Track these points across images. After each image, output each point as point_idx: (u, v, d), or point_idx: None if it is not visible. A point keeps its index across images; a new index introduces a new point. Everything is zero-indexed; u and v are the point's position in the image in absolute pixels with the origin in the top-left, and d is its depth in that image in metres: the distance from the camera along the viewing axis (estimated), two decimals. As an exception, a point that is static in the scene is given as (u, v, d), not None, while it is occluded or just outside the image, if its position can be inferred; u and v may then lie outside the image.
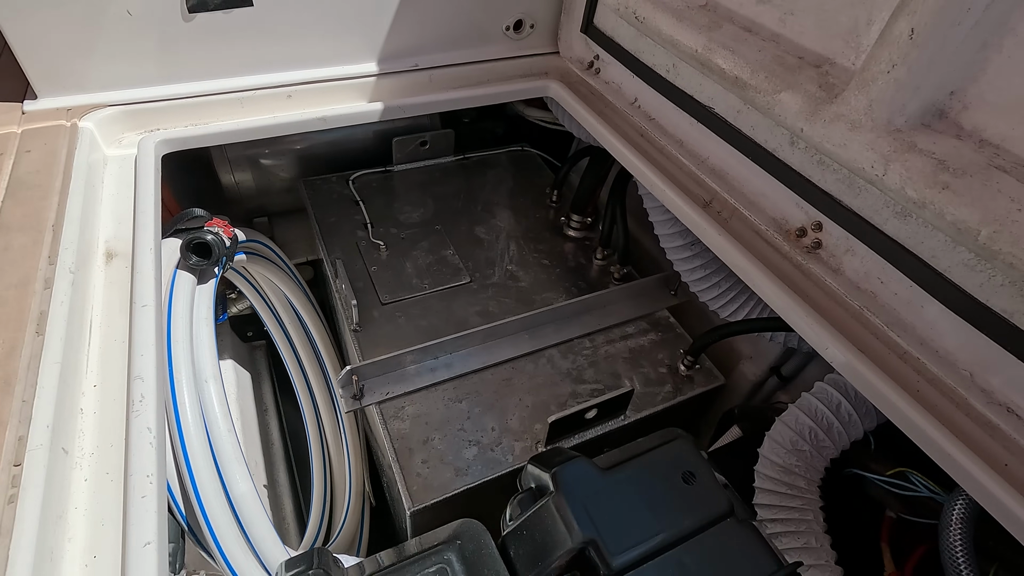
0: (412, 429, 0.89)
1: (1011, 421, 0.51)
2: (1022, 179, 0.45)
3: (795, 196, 0.66)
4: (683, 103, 0.78)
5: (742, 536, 0.50)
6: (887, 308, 0.59)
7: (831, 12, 0.58)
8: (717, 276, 0.94)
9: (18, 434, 0.44)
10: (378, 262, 1.13)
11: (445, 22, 0.94)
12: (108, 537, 0.43)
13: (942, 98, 0.50)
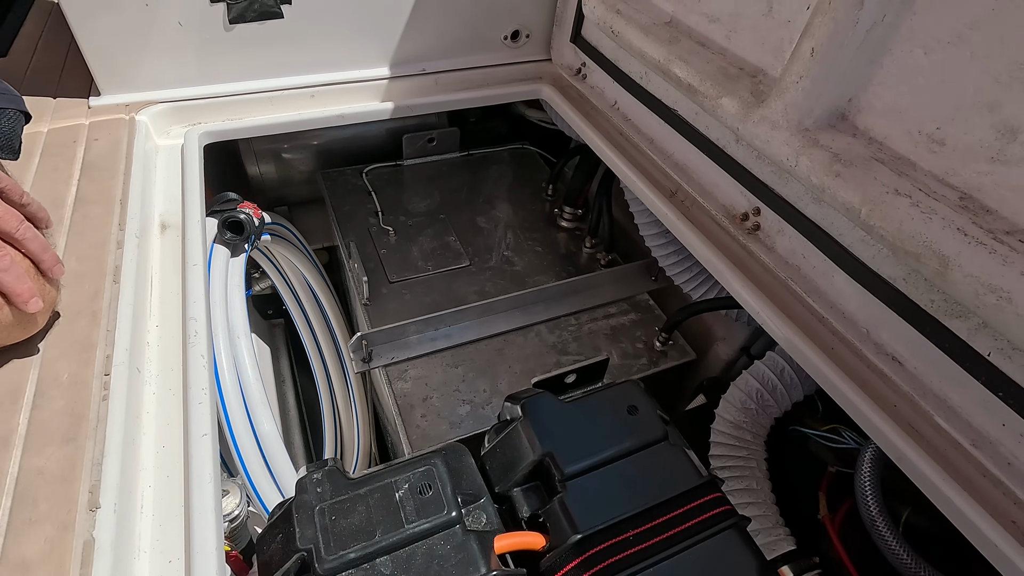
0: (413, 389, 1.02)
1: (896, 369, 0.62)
2: (893, 169, 0.57)
3: (740, 186, 0.78)
4: (653, 106, 0.91)
5: (672, 455, 0.62)
6: (807, 278, 0.71)
7: (763, 32, 0.70)
8: (688, 261, 1.06)
9: (106, 353, 0.58)
10: (387, 246, 1.27)
11: (450, 32, 1.08)
12: (173, 433, 0.57)
13: (842, 104, 0.62)
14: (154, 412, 0.58)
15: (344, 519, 0.55)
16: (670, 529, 0.57)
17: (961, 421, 0.58)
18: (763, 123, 0.67)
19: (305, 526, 0.54)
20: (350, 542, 0.53)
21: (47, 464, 0.49)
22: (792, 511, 0.87)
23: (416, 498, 0.57)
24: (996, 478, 0.55)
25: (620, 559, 0.55)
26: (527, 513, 0.61)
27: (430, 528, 0.55)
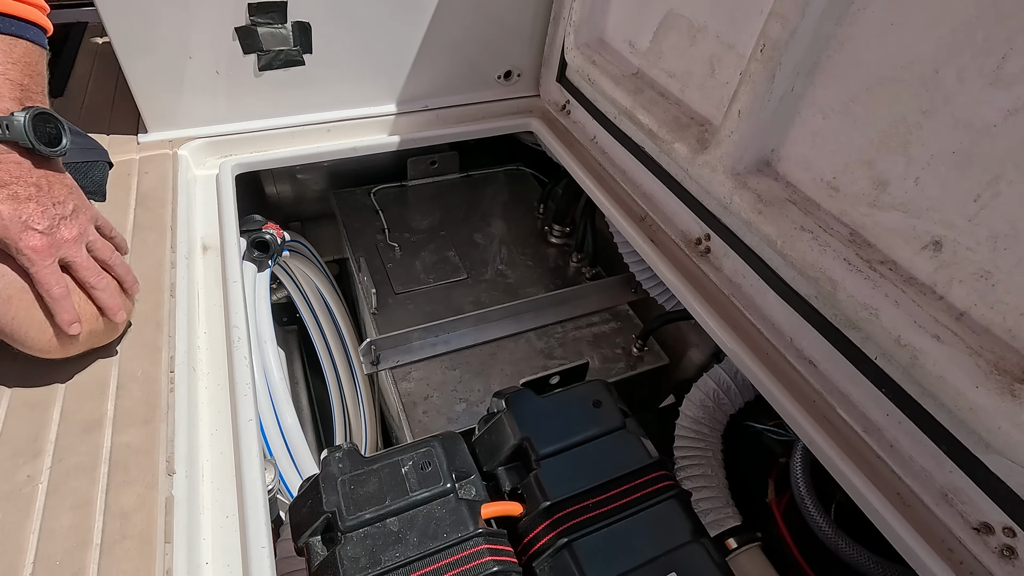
0: (416, 388, 1.17)
1: (811, 370, 0.76)
2: (802, 208, 0.71)
3: (694, 215, 0.92)
4: (624, 142, 1.05)
5: (628, 440, 0.76)
6: (746, 295, 0.85)
7: (708, 90, 0.85)
8: (659, 276, 1.20)
9: (169, 354, 0.72)
10: (393, 260, 1.42)
11: (450, 72, 1.23)
12: (223, 419, 0.71)
13: (766, 153, 0.77)
14: (207, 402, 0.73)
15: (360, 488, 0.69)
16: (622, 498, 0.71)
17: (857, 412, 0.72)
18: (706, 166, 0.81)
19: (330, 493, 0.68)
20: (365, 506, 0.68)
21: (132, 440, 0.63)
22: (745, 496, 1.00)
23: (418, 473, 0.71)
24: (883, 458, 0.69)
25: (581, 521, 0.69)
26: (508, 487, 0.75)
27: (429, 496, 0.70)
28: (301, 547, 0.70)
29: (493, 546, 0.67)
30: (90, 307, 0.66)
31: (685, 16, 0.87)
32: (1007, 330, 0.55)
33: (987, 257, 0.56)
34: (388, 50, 1.14)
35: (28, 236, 0.59)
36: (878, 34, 0.62)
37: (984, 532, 0.61)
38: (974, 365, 0.55)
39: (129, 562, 0.54)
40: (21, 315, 0.61)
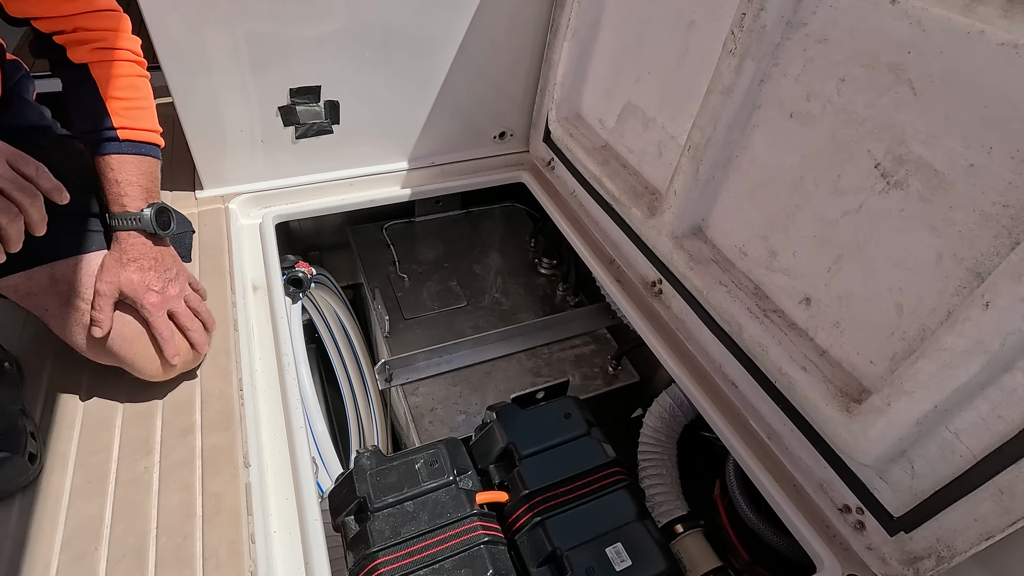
0: (423, 401, 1.39)
1: (733, 391, 0.99)
2: (722, 267, 0.94)
3: (649, 263, 1.15)
4: (597, 200, 1.29)
5: (591, 444, 0.99)
6: (688, 329, 1.08)
7: (658, 166, 1.08)
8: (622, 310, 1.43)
9: (238, 376, 0.95)
10: (403, 289, 1.65)
11: (453, 134, 1.47)
12: (279, 426, 0.94)
13: (698, 222, 1.00)
14: (266, 412, 0.96)
15: (384, 479, 0.92)
16: (584, 488, 0.94)
17: (764, 423, 0.94)
18: (653, 229, 1.04)
19: (361, 483, 0.91)
20: (388, 493, 0.90)
21: (217, 442, 0.86)
22: (696, 492, 1.22)
23: (428, 468, 0.94)
24: (781, 459, 0.92)
25: (552, 505, 0.91)
26: (497, 480, 0.98)
27: (436, 486, 0.92)
28: (338, 525, 0.92)
29: (485, 523, 0.89)
30: (185, 344, 0.89)
31: (640, 107, 1.11)
32: (850, 364, 0.78)
33: (837, 311, 0.79)
34: (401, 118, 1.39)
35: (149, 295, 0.82)
36: (767, 145, 0.85)
37: (845, 512, 0.83)
38: (826, 390, 0.78)
39: (223, 528, 0.77)
40: (139, 351, 0.85)
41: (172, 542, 0.75)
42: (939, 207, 0.65)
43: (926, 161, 0.65)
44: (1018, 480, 0.62)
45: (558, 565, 0.86)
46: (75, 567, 0.73)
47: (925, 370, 0.64)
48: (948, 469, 0.68)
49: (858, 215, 0.74)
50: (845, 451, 0.77)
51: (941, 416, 0.66)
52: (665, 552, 0.88)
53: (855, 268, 0.76)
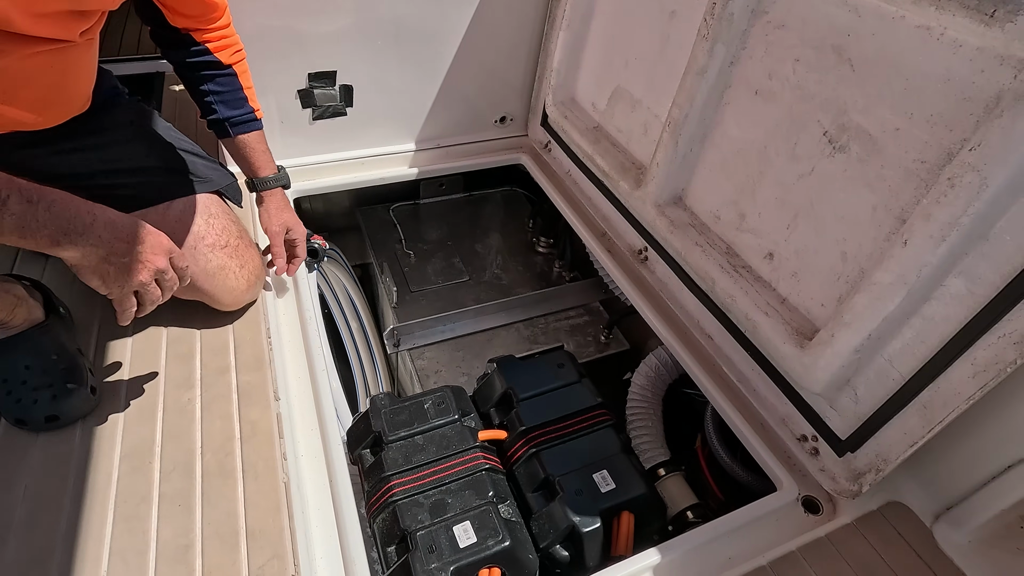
0: (428, 365, 1.51)
1: (710, 343, 1.11)
2: (699, 231, 1.07)
3: (636, 232, 1.27)
4: (590, 177, 1.41)
5: (581, 390, 1.11)
6: (671, 291, 1.20)
7: (643, 143, 1.20)
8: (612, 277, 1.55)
9: (266, 327, 1.07)
10: (409, 265, 1.77)
11: (457, 118, 1.59)
12: (302, 368, 1.06)
13: (678, 192, 1.12)
14: (291, 357, 1.08)
15: (397, 417, 1.04)
16: (574, 426, 1.06)
17: (736, 369, 1.06)
18: (639, 199, 1.17)
19: (376, 419, 1.03)
20: (400, 428, 1.02)
21: (251, 379, 0.98)
22: (680, 444, 1.34)
23: (436, 407, 1.06)
24: (749, 399, 1.04)
25: (545, 440, 1.03)
26: (497, 421, 1.10)
27: (443, 423, 1.04)
28: (355, 457, 1.04)
29: (486, 455, 1.01)
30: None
31: (628, 90, 1.23)
32: (805, 308, 0.90)
33: (795, 263, 0.91)
34: (409, 103, 1.51)
35: (300, 228, 1.12)
36: (736, 121, 0.97)
37: (802, 440, 0.95)
38: (785, 330, 0.90)
39: (260, 448, 0.89)
40: (219, 283, 1.03)
41: (216, 458, 0.87)
42: (873, 167, 0.77)
43: (863, 128, 0.78)
44: (937, 394, 0.74)
45: (550, 489, 0.98)
46: (133, 478, 0.85)
47: (860, 303, 0.76)
48: (883, 391, 0.80)
49: (811, 178, 0.86)
50: (799, 382, 0.89)
51: (876, 344, 0.78)
52: (645, 478, 1.01)
53: (809, 224, 0.88)
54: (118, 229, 0.72)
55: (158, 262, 0.77)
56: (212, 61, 0.99)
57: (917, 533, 0.87)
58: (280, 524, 0.82)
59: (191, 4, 0.93)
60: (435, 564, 0.84)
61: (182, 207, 1.01)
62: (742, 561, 0.84)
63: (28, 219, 0.63)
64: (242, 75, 1.04)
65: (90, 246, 0.69)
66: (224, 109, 1.03)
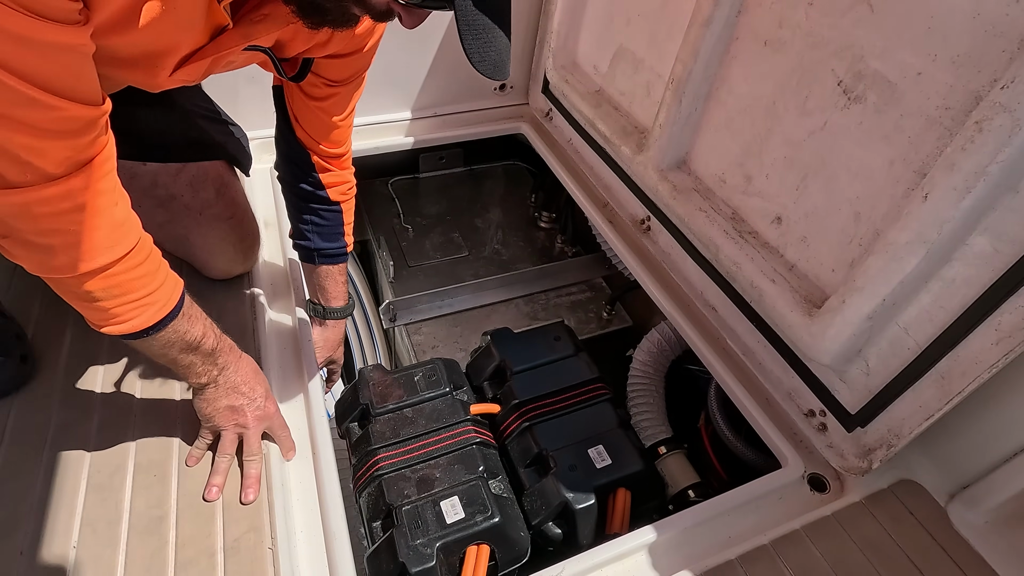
0: (425, 340, 1.47)
1: (713, 315, 1.06)
2: (703, 195, 1.01)
3: (639, 201, 1.22)
4: (591, 144, 1.35)
5: (577, 363, 1.06)
6: (673, 261, 1.15)
7: (646, 105, 1.14)
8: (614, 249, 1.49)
9: (251, 295, 1.03)
10: (407, 239, 1.72)
11: (454, 86, 1.53)
12: (288, 340, 1.02)
13: (682, 156, 1.06)
14: (276, 331, 1.04)
15: (385, 389, 1.00)
16: (569, 400, 1.01)
17: (740, 342, 1.01)
18: (641, 164, 1.11)
19: (364, 392, 0.99)
20: (389, 400, 0.99)
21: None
22: (682, 422, 1.30)
23: (427, 380, 1.02)
24: (755, 373, 0.98)
25: (539, 413, 0.99)
26: (491, 395, 1.06)
27: (434, 396, 1.00)
28: (343, 430, 1.01)
29: (477, 429, 0.97)
30: None
31: (630, 49, 1.17)
32: (814, 274, 0.85)
33: (804, 227, 0.85)
34: (405, 68, 1.45)
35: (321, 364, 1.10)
36: (742, 76, 0.91)
37: (809, 416, 0.90)
38: (792, 298, 0.84)
39: (240, 419, 0.86)
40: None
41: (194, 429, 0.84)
42: (891, 117, 0.71)
43: (881, 74, 0.71)
44: (956, 364, 0.69)
45: (543, 464, 0.94)
46: (108, 448, 0.82)
47: (874, 266, 0.70)
48: (897, 362, 0.75)
49: (822, 133, 0.80)
50: (807, 353, 0.83)
51: (890, 310, 0.73)
52: (643, 455, 0.96)
53: (819, 184, 0.82)
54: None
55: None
56: (323, 196, 0.95)
57: (930, 512, 0.82)
58: (259, 497, 0.79)
59: (313, 122, 0.87)
60: (420, 540, 0.81)
61: (195, 173, 0.98)
62: (742, 540, 0.80)
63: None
64: (347, 212, 1.01)
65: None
66: (319, 240, 0.99)
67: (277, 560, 0.73)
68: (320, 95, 0.83)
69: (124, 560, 0.72)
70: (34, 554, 0.71)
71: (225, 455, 0.81)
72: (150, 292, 0.65)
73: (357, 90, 0.87)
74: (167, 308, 0.68)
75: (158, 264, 0.67)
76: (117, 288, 0.62)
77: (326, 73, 0.80)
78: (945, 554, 0.78)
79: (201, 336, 0.74)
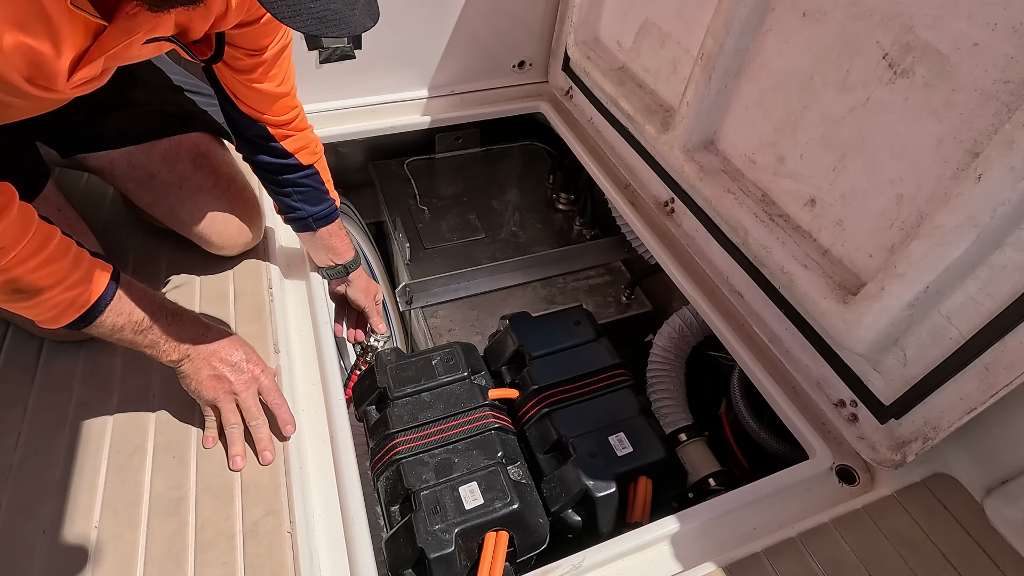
0: (441, 323, 1.46)
1: (739, 300, 1.02)
2: (731, 176, 0.97)
3: (663, 183, 1.18)
4: (613, 124, 1.31)
5: (598, 348, 1.04)
6: (697, 245, 1.11)
7: (672, 83, 1.10)
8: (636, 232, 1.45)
9: (268, 277, 1.02)
10: (423, 221, 1.70)
11: (472, 63, 1.49)
12: (305, 320, 1.01)
13: (710, 135, 1.02)
14: (293, 309, 1.03)
15: (403, 373, 0.99)
16: (590, 386, 0.99)
17: (767, 329, 0.98)
18: (666, 144, 1.07)
19: (381, 375, 0.98)
20: (407, 384, 0.97)
21: (250, 331, 0.94)
22: (703, 410, 1.27)
23: (444, 364, 1.00)
24: (782, 361, 0.95)
25: (559, 400, 0.97)
26: (509, 380, 1.04)
27: (451, 380, 0.99)
28: (361, 414, 1.00)
29: (496, 414, 0.96)
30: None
31: (657, 24, 1.12)
32: (849, 260, 0.81)
33: (840, 210, 0.81)
34: (421, 45, 1.41)
35: (373, 308, 1.17)
36: (777, 49, 0.86)
37: (839, 406, 0.87)
38: (825, 284, 0.81)
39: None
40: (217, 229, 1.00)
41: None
42: (942, 91, 0.66)
43: (932, 46, 0.66)
44: (1003, 355, 0.65)
45: (563, 451, 0.93)
46: (127, 428, 0.81)
47: (918, 251, 0.67)
48: (938, 352, 0.71)
49: (864, 110, 0.75)
50: (840, 341, 0.80)
51: (932, 298, 0.69)
52: (665, 443, 0.94)
53: (859, 164, 0.78)
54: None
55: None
56: (295, 164, 0.94)
57: (965, 507, 0.79)
58: (276, 480, 0.78)
59: (253, 96, 0.85)
60: (439, 525, 0.80)
61: (167, 147, 0.96)
62: (768, 532, 0.78)
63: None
64: (323, 171, 1.01)
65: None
66: (309, 207, 0.99)
67: (296, 543, 0.72)
68: (246, 67, 0.81)
69: (145, 541, 0.72)
70: (56, 533, 0.71)
71: (232, 426, 0.81)
72: (60, 283, 0.66)
73: (283, 53, 0.85)
74: (93, 296, 0.69)
75: (65, 252, 0.67)
76: (14, 284, 0.63)
77: (241, 43, 0.78)
78: (980, 550, 0.75)
79: (151, 315, 0.75)
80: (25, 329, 0.91)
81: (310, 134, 0.97)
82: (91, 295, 0.69)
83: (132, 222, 1.11)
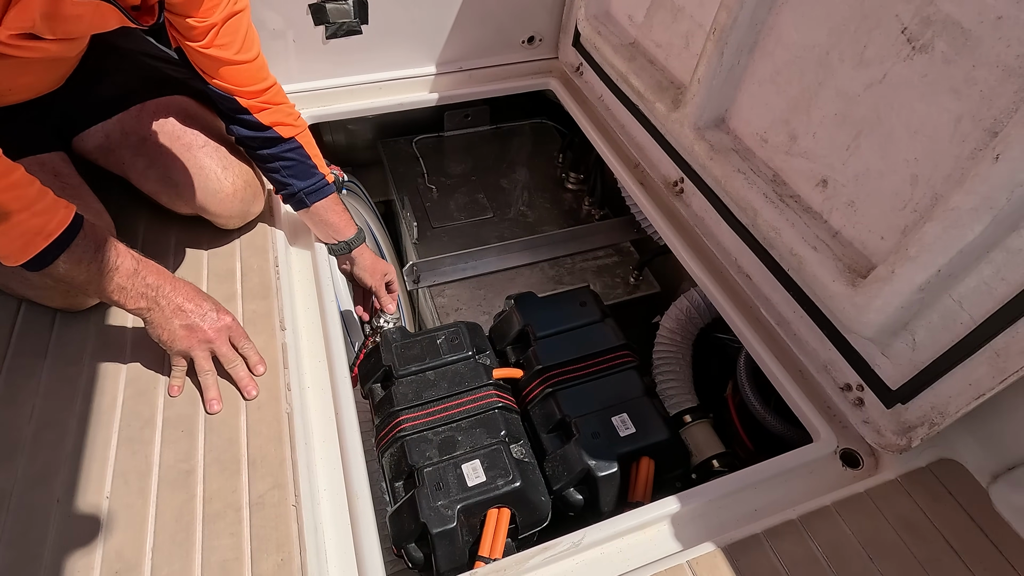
0: (448, 303, 1.46)
1: (747, 282, 1.01)
2: (742, 156, 0.95)
3: (672, 162, 1.16)
4: (624, 101, 1.28)
5: (603, 329, 1.03)
6: (706, 226, 1.09)
7: (684, 59, 1.07)
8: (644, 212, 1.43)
9: (274, 255, 1.02)
10: (431, 200, 1.69)
11: (481, 38, 1.46)
12: (311, 297, 1.02)
13: (721, 113, 0.99)
14: (300, 287, 1.03)
15: (408, 351, 0.99)
16: (594, 367, 0.99)
17: (775, 312, 0.97)
18: (676, 122, 1.04)
19: (387, 353, 0.99)
20: (412, 362, 0.98)
21: (257, 308, 0.95)
22: (709, 392, 1.27)
23: (449, 343, 1.01)
24: (789, 344, 0.94)
25: (563, 380, 0.97)
26: (514, 360, 1.04)
27: (456, 359, 0.99)
28: (366, 392, 1.01)
29: (500, 393, 0.96)
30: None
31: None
32: (861, 242, 0.79)
33: (853, 190, 0.79)
34: (429, 20, 1.38)
35: (382, 288, 1.17)
36: (793, 23, 0.83)
37: (846, 390, 0.86)
38: (835, 267, 0.79)
39: (263, 378, 0.87)
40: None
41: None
42: (962, 67, 0.64)
43: (954, 19, 0.64)
44: (1014, 341, 0.63)
45: (566, 431, 0.93)
46: (137, 402, 0.83)
47: (931, 233, 0.65)
48: (948, 337, 0.70)
49: (881, 86, 0.73)
50: (849, 325, 0.79)
51: (944, 282, 0.67)
52: (668, 424, 0.94)
53: (873, 143, 0.76)
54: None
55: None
56: (274, 137, 0.95)
57: (970, 493, 0.79)
58: (282, 454, 0.79)
59: (219, 70, 0.87)
60: (442, 501, 0.81)
61: (155, 108, 0.98)
62: (769, 514, 0.78)
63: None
64: (307, 145, 1.00)
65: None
66: (298, 181, 1.00)
67: (301, 517, 0.74)
68: (199, 36, 0.82)
69: (155, 511, 0.73)
70: (70, 502, 0.73)
71: (205, 372, 0.84)
72: (28, 208, 0.67)
73: (233, 19, 0.85)
74: (62, 225, 0.71)
75: (30, 183, 0.69)
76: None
77: (184, 11, 0.79)
78: (984, 536, 0.75)
79: (117, 255, 0.77)
80: (38, 304, 0.93)
81: (288, 108, 0.97)
82: (59, 224, 0.71)
83: (140, 204, 1.11)
